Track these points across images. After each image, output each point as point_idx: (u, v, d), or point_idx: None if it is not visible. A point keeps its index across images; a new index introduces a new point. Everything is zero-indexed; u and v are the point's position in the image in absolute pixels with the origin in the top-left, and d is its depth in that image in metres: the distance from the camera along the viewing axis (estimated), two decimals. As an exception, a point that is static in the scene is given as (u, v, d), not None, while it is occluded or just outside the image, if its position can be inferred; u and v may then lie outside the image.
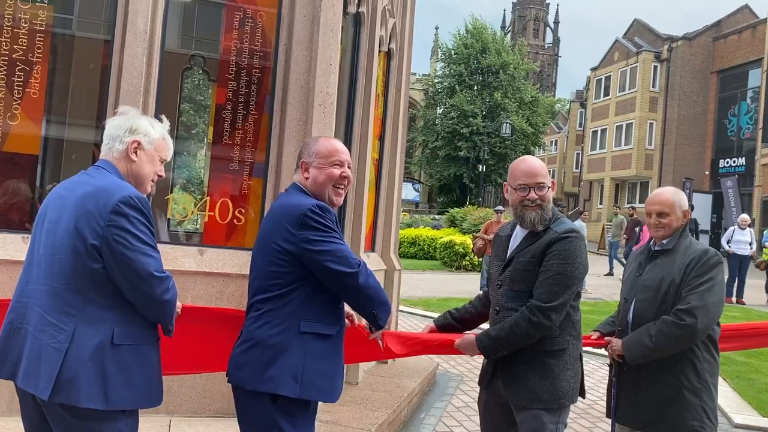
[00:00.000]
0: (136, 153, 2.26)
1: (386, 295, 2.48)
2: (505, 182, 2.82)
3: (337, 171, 2.45)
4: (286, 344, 2.28)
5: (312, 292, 2.33)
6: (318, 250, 2.27)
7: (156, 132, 2.33)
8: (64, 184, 2.25)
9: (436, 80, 49.35)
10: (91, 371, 2.03)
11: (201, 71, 5.76)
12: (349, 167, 2.51)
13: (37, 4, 3.84)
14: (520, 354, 2.61)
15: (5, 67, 3.77)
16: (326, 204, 2.43)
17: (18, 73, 3.79)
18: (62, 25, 4.50)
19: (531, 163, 2.76)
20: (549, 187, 2.71)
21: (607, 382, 3.26)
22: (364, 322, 2.59)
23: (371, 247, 5.90)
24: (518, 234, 2.79)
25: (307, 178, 2.46)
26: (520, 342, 2.57)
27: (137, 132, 2.27)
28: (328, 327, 2.35)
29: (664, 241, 2.99)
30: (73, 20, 4.69)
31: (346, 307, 2.52)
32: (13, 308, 2.15)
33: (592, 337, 3.14)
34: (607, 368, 3.22)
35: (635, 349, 2.84)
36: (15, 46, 3.78)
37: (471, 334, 2.77)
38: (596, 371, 6.84)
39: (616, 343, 2.94)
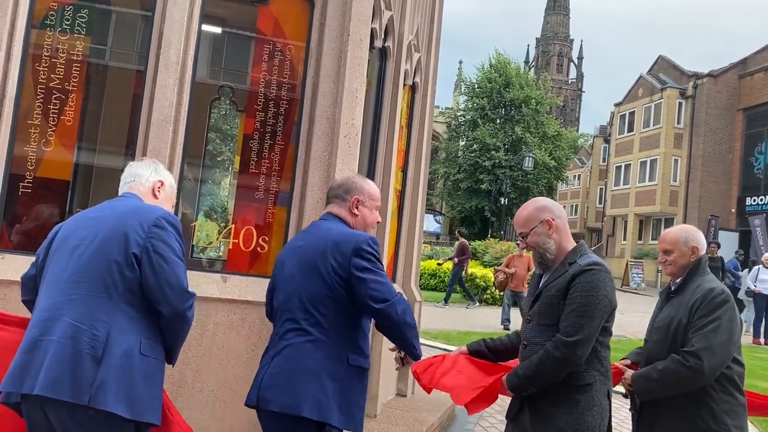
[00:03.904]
0: (159, 191, 2.54)
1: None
2: None
3: (378, 215, 2.72)
4: (340, 375, 2.37)
5: (356, 323, 2.45)
6: (367, 278, 2.39)
7: (172, 179, 2.67)
8: (92, 210, 2.39)
9: (458, 113, 49.65)
10: (121, 378, 2.09)
11: (229, 102, 5.89)
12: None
13: (75, 35, 3.98)
14: (546, 389, 2.60)
15: (42, 95, 3.90)
16: None
17: (54, 101, 3.91)
18: (97, 55, 4.66)
19: (518, 215, 2.87)
20: (531, 231, 2.75)
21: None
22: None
23: (392, 278, 5.90)
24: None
25: (355, 215, 2.62)
26: (547, 379, 2.57)
27: (159, 173, 2.59)
28: (365, 360, 2.46)
29: (678, 281, 2.99)
30: (106, 51, 4.85)
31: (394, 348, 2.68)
32: (37, 323, 2.15)
33: (622, 363, 3.15)
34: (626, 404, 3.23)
35: (642, 383, 2.86)
36: (52, 75, 3.91)
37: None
38: (619, 410, 6.70)
39: (628, 374, 2.97)
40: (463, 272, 17.11)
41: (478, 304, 17.42)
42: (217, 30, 5.42)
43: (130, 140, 4.17)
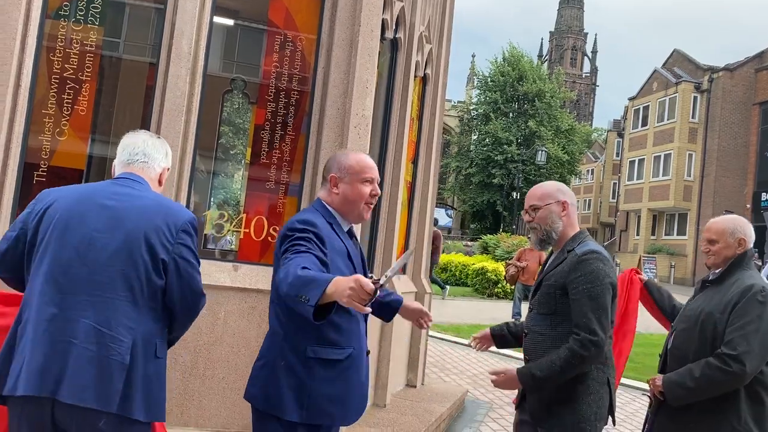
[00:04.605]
0: (162, 178, 2.39)
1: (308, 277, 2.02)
2: None
3: (367, 189, 2.39)
4: (293, 367, 2.22)
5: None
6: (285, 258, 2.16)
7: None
8: (98, 193, 2.17)
9: (471, 107, 49.48)
10: (144, 384, 2.06)
11: (241, 94, 5.91)
12: (378, 183, 2.47)
13: (88, 25, 4.01)
14: None
15: (56, 86, 3.94)
16: (353, 219, 2.42)
17: (68, 91, 3.95)
18: (111, 47, 4.69)
19: (535, 189, 2.85)
20: (544, 207, 2.73)
21: (644, 417, 3.15)
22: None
23: (402, 270, 5.92)
24: (551, 258, 2.86)
25: (336, 194, 2.37)
26: (571, 376, 2.56)
27: (168, 158, 2.40)
28: (336, 352, 2.25)
29: (717, 271, 2.88)
30: (120, 43, 4.88)
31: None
32: (48, 320, 2.01)
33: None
34: (642, 401, 3.12)
35: (677, 390, 2.72)
36: (66, 65, 3.95)
37: (512, 371, 2.72)
38: (629, 404, 6.68)
39: (659, 379, 2.84)
40: (434, 262, 17.03)
41: (448, 288, 17.27)
42: (229, 22, 5.44)
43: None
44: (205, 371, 3.89)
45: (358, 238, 2.69)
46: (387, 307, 2.65)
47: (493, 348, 3.10)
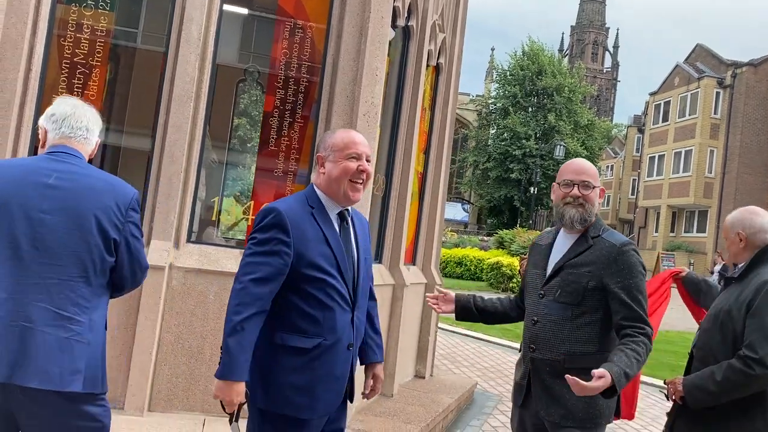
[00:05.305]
0: (94, 152, 2.33)
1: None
2: (554, 183, 2.70)
3: (353, 164, 2.23)
4: (261, 355, 2.18)
5: (284, 300, 2.18)
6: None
7: None
8: (32, 170, 2.09)
9: (489, 101, 49.21)
10: (98, 359, 2.09)
11: (255, 83, 5.92)
12: (368, 160, 2.29)
13: (99, 11, 4.02)
14: (556, 372, 2.49)
15: (67, 70, 3.96)
16: (341, 201, 2.27)
17: (78, 76, 3.97)
18: (127, 37, 4.71)
19: (581, 162, 2.66)
20: (595, 188, 2.57)
21: (655, 413, 3.03)
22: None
23: (412, 260, 5.89)
24: (562, 241, 2.64)
25: (323, 174, 2.27)
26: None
27: (99, 131, 2.34)
28: (303, 340, 2.17)
29: (740, 266, 2.78)
30: (138, 34, 4.90)
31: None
32: (2, 304, 1.97)
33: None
34: (652, 398, 2.98)
35: (699, 394, 2.62)
36: (77, 50, 3.97)
37: (608, 376, 2.33)
38: (642, 399, 6.60)
39: (679, 383, 2.72)
40: None
41: None
42: (240, 10, 5.44)
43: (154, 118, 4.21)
44: (212, 356, 3.90)
45: (367, 225, 2.57)
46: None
47: (505, 341, 2.98)
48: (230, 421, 2.13)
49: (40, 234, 2.02)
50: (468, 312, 2.87)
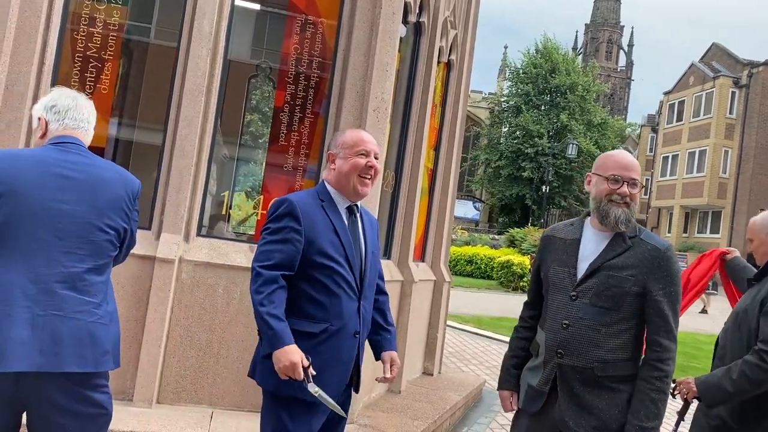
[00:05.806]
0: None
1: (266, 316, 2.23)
2: (589, 172, 2.52)
3: (362, 161, 2.38)
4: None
5: (294, 288, 2.30)
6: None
7: None
8: (45, 160, 2.11)
9: (502, 99, 49.03)
10: (117, 337, 2.22)
11: (267, 79, 5.93)
12: (376, 157, 2.43)
13: (112, 5, 4.05)
14: (586, 378, 2.34)
15: (79, 64, 3.99)
16: (351, 195, 2.40)
17: (90, 69, 4.00)
18: (140, 32, 4.73)
19: (628, 157, 2.47)
20: (638, 189, 2.42)
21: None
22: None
23: (421, 257, 5.89)
24: (594, 239, 2.44)
25: (333, 170, 2.42)
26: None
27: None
28: (311, 325, 2.28)
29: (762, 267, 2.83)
30: (151, 29, 4.92)
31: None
32: (29, 296, 1.99)
33: None
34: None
35: (715, 393, 2.58)
36: (89, 44, 3.99)
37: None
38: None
39: (693, 383, 2.67)
40: None
41: None
42: (252, 5, 5.46)
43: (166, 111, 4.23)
44: (220, 350, 3.92)
45: (377, 224, 2.67)
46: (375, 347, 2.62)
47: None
48: (305, 386, 2.19)
49: (61, 224, 2.07)
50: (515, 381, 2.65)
